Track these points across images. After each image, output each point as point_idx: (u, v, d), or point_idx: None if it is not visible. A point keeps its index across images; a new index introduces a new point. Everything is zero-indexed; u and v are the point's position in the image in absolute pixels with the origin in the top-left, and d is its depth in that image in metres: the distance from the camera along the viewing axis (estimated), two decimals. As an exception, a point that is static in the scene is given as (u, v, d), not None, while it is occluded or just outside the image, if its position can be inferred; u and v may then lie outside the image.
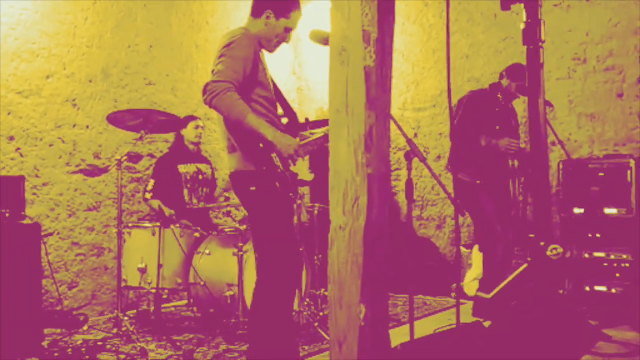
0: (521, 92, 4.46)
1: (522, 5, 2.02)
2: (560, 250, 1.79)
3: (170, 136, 4.88)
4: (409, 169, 3.28)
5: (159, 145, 5.11)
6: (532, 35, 1.94)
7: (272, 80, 3.16)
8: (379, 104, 1.95)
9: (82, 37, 4.72)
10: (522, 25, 1.98)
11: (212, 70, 2.90)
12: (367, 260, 1.92)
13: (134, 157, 4.98)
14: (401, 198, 5.91)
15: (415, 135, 5.82)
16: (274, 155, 2.91)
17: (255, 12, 3.07)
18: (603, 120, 5.07)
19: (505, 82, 4.48)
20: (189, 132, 4.70)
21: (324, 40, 2.57)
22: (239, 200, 3.22)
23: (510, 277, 2.15)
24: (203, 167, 4.80)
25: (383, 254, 1.97)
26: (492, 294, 2.47)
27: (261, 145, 2.87)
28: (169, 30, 5.26)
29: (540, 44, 1.93)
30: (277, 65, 5.75)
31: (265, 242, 3.04)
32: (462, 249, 5.41)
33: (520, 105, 4.87)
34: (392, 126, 5.69)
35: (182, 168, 4.67)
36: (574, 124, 5.18)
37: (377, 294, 1.94)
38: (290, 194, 3.07)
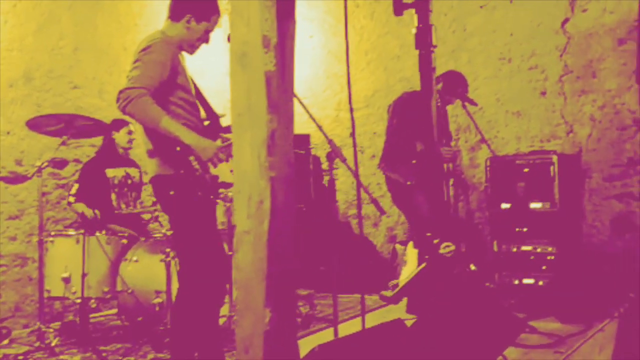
0: (458, 97, 4.55)
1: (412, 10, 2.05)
2: (452, 247, 1.83)
3: (98, 140, 4.76)
4: (331, 169, 3.31)
5: (85, 150, 4.98)
6: (423, 40, 1.96)
7: (194, 83, 3.12)
8: (281, 108, 1.94)
9: (1, 40, 4.55)
10: (414, 31, 2.01)
11: (127, 76, 2.84)
12: (272, 264, 1.91)
13: (59, 163, 4.81)
14: (338, 198, 5.93)
15: (350, 135, 5.85)
16: (192, 158, 2.88)
17: (174, 16, 3.02)
18: (528, 117, 5.22)
19: (440, 87, 4.54)
20: (121, 138, 4.60)
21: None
22: (160, 205, 3.16)
23: (411, 275, 2.19)
24: (132, 171, 4.70)
25: (289, 258, 1.97)
26: (394, 292, 2.51)
27: (178, 148, 2.84)
28: (95, 33, 5.13)
29: (431, 48, 1.96)
30: (210, 66, 5.67)
31: (186, 248, 3.00)
32: (398, 246, 5.48)
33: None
34: (331, 126, 5.70)
35: (111, 172, 4.56)
36: (501, 122, 5.32)
37: (283, 298, 1.93)
38: (212, 197, 3.05)
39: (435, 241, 1.86)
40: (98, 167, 4.54)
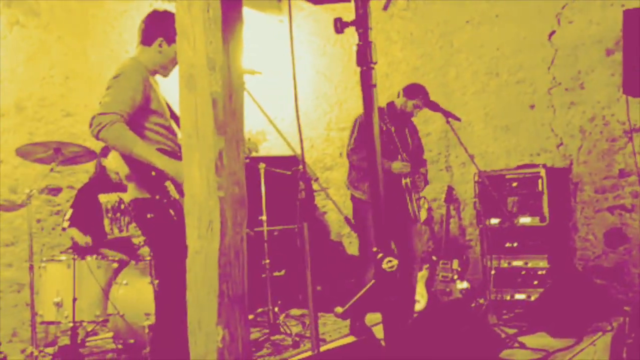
0: (421, 108, 4.41)
1: (353, 29, 2.09)
2: (394, 262, 1.83)
3: (91, 166, 4.84)
4: (309, 189, 3.32)
5: (79, 177, 5.06)
6: (363, 58, 2.00)
7: (169, 107, 3.18)
8: (229, 129, 1.98)
9: (-8, 72, 4.69)
10: (354, 48, 2.05)
11: (99, 102, 2.92)
12: (222, 283, 1.94)
13: (54, 190, 4.93)
14: (330, 217, 5.95)
15: (341, 154, 5.88)
16: (168, 183, 2.93)
17: (146, 41, 3.10)
18: (517, 131, 5.21)
19: (399, 100, 4.44)
20: (110, 162, 4.67)
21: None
22: (139, 228, 3.21)
23: (360, 293, 2.16)
24: (125, 196, 4.75)
25: (240, 276, 1.99)
26: (344, 309, 2.48)
27: (153, 173, 2.89)
28: (86, 61, 5.25)
29: (371, 65, 2.00)
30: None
31: (164, 270, 3.03)
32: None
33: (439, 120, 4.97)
34: (323, 145, 5.62)
35: (103, 198, 4.63)
36: (490, 137, 5.31)
37: (235, 316, 1.96)
38: (189, 220, 3.09)
39: (379, 256, 1.87)
40: (91, 193, 4.61)
